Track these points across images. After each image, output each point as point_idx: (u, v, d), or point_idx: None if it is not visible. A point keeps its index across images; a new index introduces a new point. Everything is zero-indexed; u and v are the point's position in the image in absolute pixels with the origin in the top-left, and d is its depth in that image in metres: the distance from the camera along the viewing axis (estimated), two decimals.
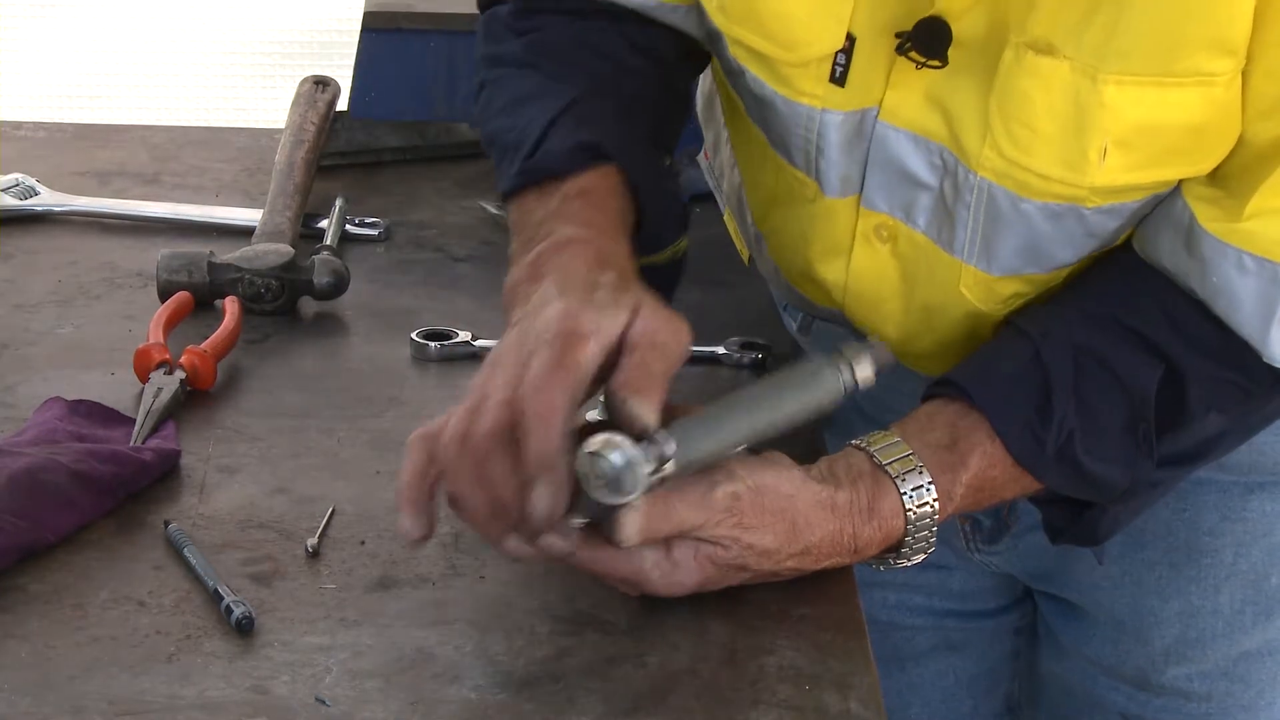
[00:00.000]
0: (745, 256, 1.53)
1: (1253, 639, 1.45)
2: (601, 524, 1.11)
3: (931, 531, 1.19)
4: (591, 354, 1.10)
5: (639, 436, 1.09)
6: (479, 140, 1.41)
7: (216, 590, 1.15)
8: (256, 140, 1.98)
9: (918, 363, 1.36)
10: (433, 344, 1.50)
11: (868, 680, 1.11)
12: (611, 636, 1.14)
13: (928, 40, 1.19)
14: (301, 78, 1.92)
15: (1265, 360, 1.19)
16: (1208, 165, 1.18)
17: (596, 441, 1.08)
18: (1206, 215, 1.17)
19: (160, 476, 1.29)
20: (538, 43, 1.34)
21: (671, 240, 1.32)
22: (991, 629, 1.60)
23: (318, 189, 1.79)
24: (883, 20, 1.21)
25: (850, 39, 1.22)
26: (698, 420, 1.13)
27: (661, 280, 1.32)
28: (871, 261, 1.30)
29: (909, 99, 1.22)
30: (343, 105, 1.93)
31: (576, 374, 1.09)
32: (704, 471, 1.13)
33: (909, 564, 1.20)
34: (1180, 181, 1.19)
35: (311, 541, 1.22)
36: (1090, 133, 1.15)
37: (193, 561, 1.18)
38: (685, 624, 1.15)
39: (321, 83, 1.91)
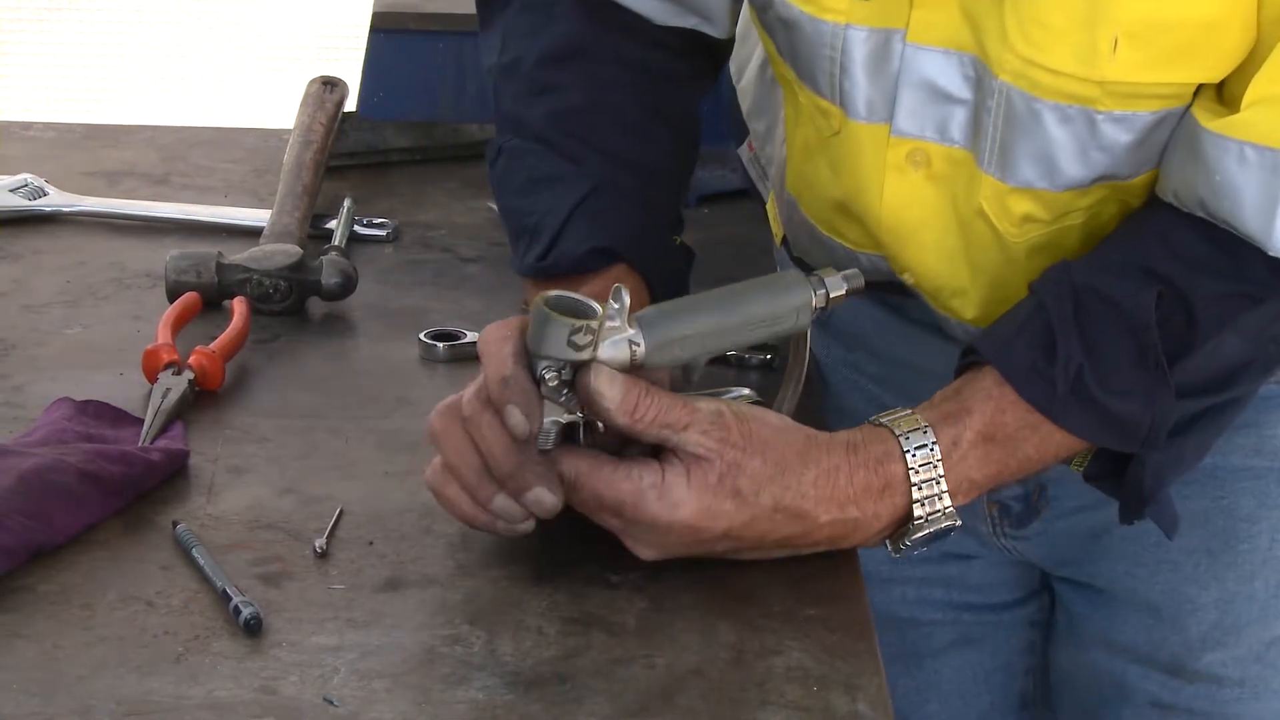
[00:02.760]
0: (778, 238, 1.54)
1: None
2: (582, 410, 1.16)
3: (941, 489, 1.19)
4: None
5: None
6: (486, 141, 1.42)
7: (225, 590, 1.15)
8: (265, 141, 1.98)
9: (964, 304, 1.36)
10: (441, 344, 1.50)
11: (876, 681, 1.11)
12: (619, 637, 1.14)
13: None
14: (310, 78, 1.92)
15: (1271, 254, 1.19)
16: (1220, 71, 1.20)
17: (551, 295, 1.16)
18: (1207, 116, 1.19)
19: (168, 477, 1.29)
20: (558, 114, 1.37)
21: None
22: (1008, 622, 1.61)
23: (326, 189, 1.79)
24: None
25: None
26: (667, 304, 1.20)
27: None
28: (904, 188, 1.31)
29: (939, 15, 1.24)
30: (351, 106, 1.93)
31: (518, 321, 1.17)
32: (688, 395, 1.18)
33: (925, 534, 1.20)
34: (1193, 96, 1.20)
35: (320, 542, 1.22)
36: (1101, 23, 1.17)
37: (201, 562, 1.18)
38: (693, 625, 1.16)
39: (330, 83, 1.91)
